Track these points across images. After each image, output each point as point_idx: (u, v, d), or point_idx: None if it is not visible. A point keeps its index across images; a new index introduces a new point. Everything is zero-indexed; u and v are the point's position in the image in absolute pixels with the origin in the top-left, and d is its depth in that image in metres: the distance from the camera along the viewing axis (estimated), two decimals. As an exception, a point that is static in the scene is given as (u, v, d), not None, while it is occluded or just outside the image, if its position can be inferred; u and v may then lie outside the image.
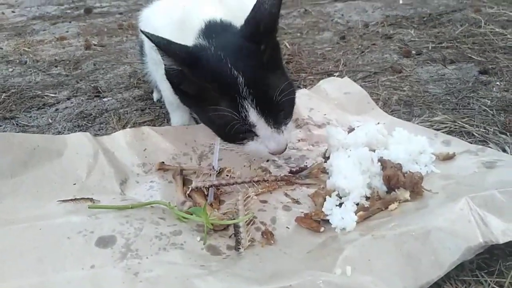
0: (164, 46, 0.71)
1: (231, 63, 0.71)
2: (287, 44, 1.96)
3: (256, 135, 0.76)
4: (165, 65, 0.75)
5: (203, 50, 0.75)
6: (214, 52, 0.74)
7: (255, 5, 0.74)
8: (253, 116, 0.72)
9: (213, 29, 0.80)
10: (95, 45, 2.13)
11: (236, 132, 0.75)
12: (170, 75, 0.76)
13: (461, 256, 0.59)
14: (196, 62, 0.72)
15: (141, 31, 0.71)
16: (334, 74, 1.58)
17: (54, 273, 0.60)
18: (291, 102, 0.79)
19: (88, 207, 0.75)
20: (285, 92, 0.73)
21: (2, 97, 1.47)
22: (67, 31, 2.44)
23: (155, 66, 1.09)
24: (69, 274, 0.61)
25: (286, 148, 0.79)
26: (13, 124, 1.30)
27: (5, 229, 0.68)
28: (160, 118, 1.29)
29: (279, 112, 0.75)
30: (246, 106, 0.71)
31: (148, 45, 1.07)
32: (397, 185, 0.76)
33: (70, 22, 2.63)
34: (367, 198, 0.77)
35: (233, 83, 0.70)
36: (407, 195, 0.74)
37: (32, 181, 0.82)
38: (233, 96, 0.71)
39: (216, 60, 0.73)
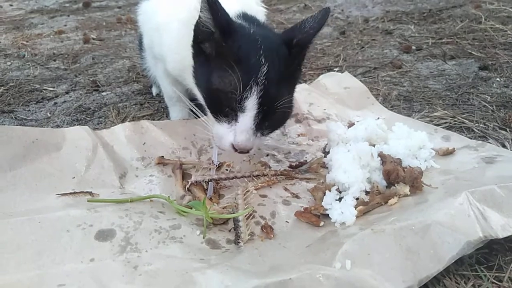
0: (214, 4, 0.72)
1: (263, 50, 0.73)
2: (286, 39, 1.96)
3: (236, 121, 0.74)
4: (200, 17, 0.75)
5: (242, 28, 0.78)
6: (253, 34, 0.76)
7: (300, 22, 0.79)
8: (251, 102, 0.72)
9: (251, 19, 0.84)
10: (93, 39, 2.12)
11: (225, 101, 0.74)
12: (199, 29, 0.77)
13: (460, 251, 0.59)
14: (232, 32, 0.74)
15: None
16: (334, 69, 1.58)
17: (53, 266, 0.60)
18: (282, 120, 0.81)
19: (88, 201, 0.75)
20: (284, 108, 0.75)
21: (1, 90, 1.46)
22: (65, 25, 2.43)
23: (154, 61, 1.08)
24: (68, 267, 0.60)
25: (248, 152, 0.77)
26: (12, 117, 1.29)
27: (3, 222, 0.67)
28: (159, 112, 1.28)
29: (269, 119, 0.76)
30: (253, 91, 0.71)
31: (147, 41, 1.06)
32: (396, 179, 0.76)
33: (68, 15, 2.62)
34: (367, 193, 0.76)
35: (256, 66, 0.72)
36: (407, 189, 0.74)
37: (31, 174, 0.81)
38: (250, 74, 0.71)
39: (252, 40, 0.75)
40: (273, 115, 0.75)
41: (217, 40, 0.75)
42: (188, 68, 0.86)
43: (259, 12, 1.00)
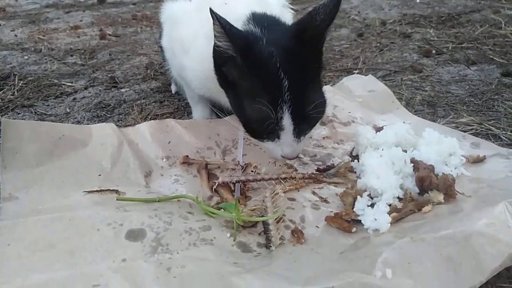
0: (228, 30, 0.71)
1: (280, 63, 0.71)
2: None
3: (278, 138, 0.77)
4: (216, 44, 0.74)
5: (255, 39, 0.75)
6: (266, 46, 0.74)
7: (310, 12, 0.75)
8: (286, 121, 0.73)
9: (262, 18, 0.80)
10: (109, 35, 2.12)
11: (264, 129, 0.76)
12: (216, 54, 0.77)
13: (503, 262, 0.57)
14: (249, 49, 0.73)
15: (211, 11, 0.69)
16: (354, 71, 1.56)
17: (86, 265, 0.59)
18: (318, 119, 0.80)
19: (116, 199, 0.74)
20: (317, 109, 0.75)
21: (20, 84, 1.46)
22: (81, 20, 2.43)
23: (172, 63, 1.07)
24: (100, 266, 0.60)
25: (298, 156, 0.81)
26: (31, 112, 1.29)
27: (34, 219, 0.67)
28: (180, 110, 1.27)
29: (306, 124, 0.77)
30: (284, 110, 0.72)
31: (169, 54, 1.05)
32: (430, 187, 0.75)
33: (84, 11, 2.62)
34: (400, 199, 0.75)
35: (278, 84, 0.71)
36: (441, 197, 0.73)
37: (58, 171, 0.81)
38: (276, 95, 0.71)
39: (267, 55, 0.72)
40: (309, 120, 0.76)
41: (239, 65, 0.74)
42: (212, 81, 0.85)
43: (284, 17, 0.98)
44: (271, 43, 0.74)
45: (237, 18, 0.80)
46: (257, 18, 0.81)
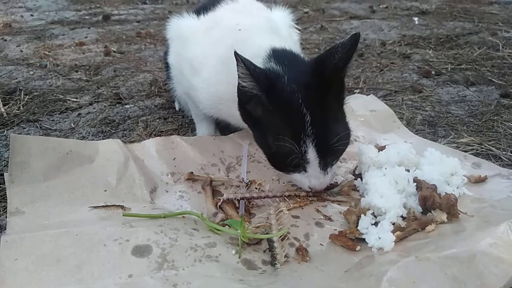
0: (253, 71, 0.73)
1: (302, 99, 0.74)
2: (305, 59, 1.98)
3: (305, 170, 0.79)
4: (240, 84, 0.76)
5: (277, 77, 0.77)
6: (288, 83, 0.76)
7: (329, 49, 0.77)
8: (311, 154, 0.75)
9: (282, 55, 0.82)
10: (114, 52, 2.15)
11: (289, 163, 0.78)
12: (241, 93, 0.78)
13: (508, 282, 0.58)
14: (272, 87, 0.75)
15: (236, 54, 0.71)
16: (355, 91, 1.59)
17: (93, 280, 0.60)
18: (344, 150, 0.82)
19: (123, 215, 0.75)
20: (341, 141, 0.77)
21: (25, 99, 1.48)
22: (86, 37, 2.46)
23: (178, 81, 1.09)
24: (107, 282, 0.60)
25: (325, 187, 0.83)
26: (37, 127, 1.30)
27: (41, 234, 0.67)
28: (184, 127, 1.29)
29: (331, 156, 0.79)
30: (307, 144, 0.74)
31: (176, 72, 1.06)
32: (433, 206, 0.75)
33: (89, 28, 2.66)
34: (403, 218, 0.76)
35: (300, 119, 0.73)
36: (444, 217, 0.74)
37: (64, 186, 0.82)
38: (298, 131, 0.74)
39: (289, 92, 0.75)
40: (334, 152, 0.78)
41: (263, 103, 0.77)
42: (224, 103, 0.86)
43: (292, 38, 1.00)
44: (292, 80, 0.76)
45: (257, 53, 0.81)
46: (278, 55, 0.82)
